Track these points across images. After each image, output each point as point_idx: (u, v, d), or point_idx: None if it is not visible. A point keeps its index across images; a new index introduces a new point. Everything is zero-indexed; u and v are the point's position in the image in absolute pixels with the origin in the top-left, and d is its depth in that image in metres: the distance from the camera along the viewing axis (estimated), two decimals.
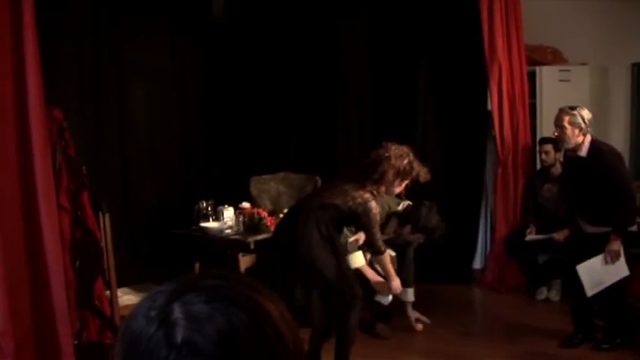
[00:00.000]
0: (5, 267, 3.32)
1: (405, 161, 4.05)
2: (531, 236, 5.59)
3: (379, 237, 4.16)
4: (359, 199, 3.96)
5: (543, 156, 5.66)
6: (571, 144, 4.45)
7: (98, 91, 6.61)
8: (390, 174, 4.01)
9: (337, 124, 6.96)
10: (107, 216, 4.46)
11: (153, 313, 0.75)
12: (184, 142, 7.46)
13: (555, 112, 5.85)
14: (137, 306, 0.78)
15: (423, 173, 4.13)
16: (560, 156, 5.38)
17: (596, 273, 4.45)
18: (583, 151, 4.43)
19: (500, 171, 5.95)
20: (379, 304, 4.78)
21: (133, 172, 6.92)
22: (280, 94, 7.38)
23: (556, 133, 4.50)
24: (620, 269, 4.44)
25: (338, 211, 3.99)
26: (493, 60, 5.78)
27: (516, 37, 5.89)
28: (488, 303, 5.78)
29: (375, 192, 4.02)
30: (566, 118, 4.41)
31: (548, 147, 5.58)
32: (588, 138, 4.42)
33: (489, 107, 5.97)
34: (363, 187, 4.00)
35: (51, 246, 3.52)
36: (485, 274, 6.11)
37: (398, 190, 4.23)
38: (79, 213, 4.25)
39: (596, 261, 4.42)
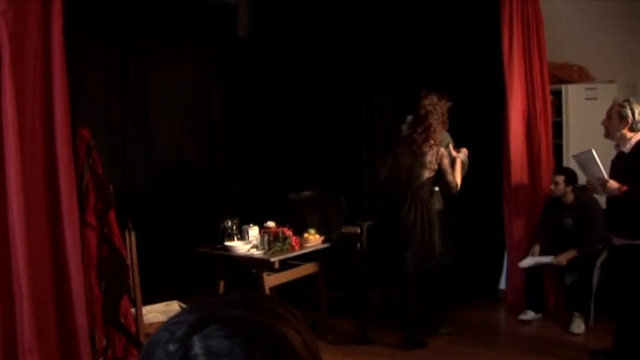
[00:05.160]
0: (32, 285, 3.37)
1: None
2: (531, 258, 5.48)
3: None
4: None
5: (552, 186, 5.48)
6: (615, 136, 4.31)
7: (125, 110, 6.69)
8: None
9: (363, 144, 6.97)
10: (133, 234, 4.50)
11: (172, 347, 0.74)
12: (210, 161, 7.52)
13: (582, 130, 5.82)
14: (156, 335, 0.77)
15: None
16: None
17: None
18: (626, 147, 4.27)
19: (513, 195, 5.81)
20: None
21: (159, 191, 6.98)
22: (305, 112, 7.41)
23: (604, 123, 4.37)
24: None
25: None
26: (512, 82, 5.73)
27: (538, 56, 5.82)
28: (510, 324, 5.71)
29: None
30: (615, 108, 4.29)
31: (560, 178, 5.43)
32: (638, 136, 4.26)
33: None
34: None
35: (73, 266, 3.58)
36: (506, 294, 6.06)
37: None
38: (105, 231, 4.29)
39: None
